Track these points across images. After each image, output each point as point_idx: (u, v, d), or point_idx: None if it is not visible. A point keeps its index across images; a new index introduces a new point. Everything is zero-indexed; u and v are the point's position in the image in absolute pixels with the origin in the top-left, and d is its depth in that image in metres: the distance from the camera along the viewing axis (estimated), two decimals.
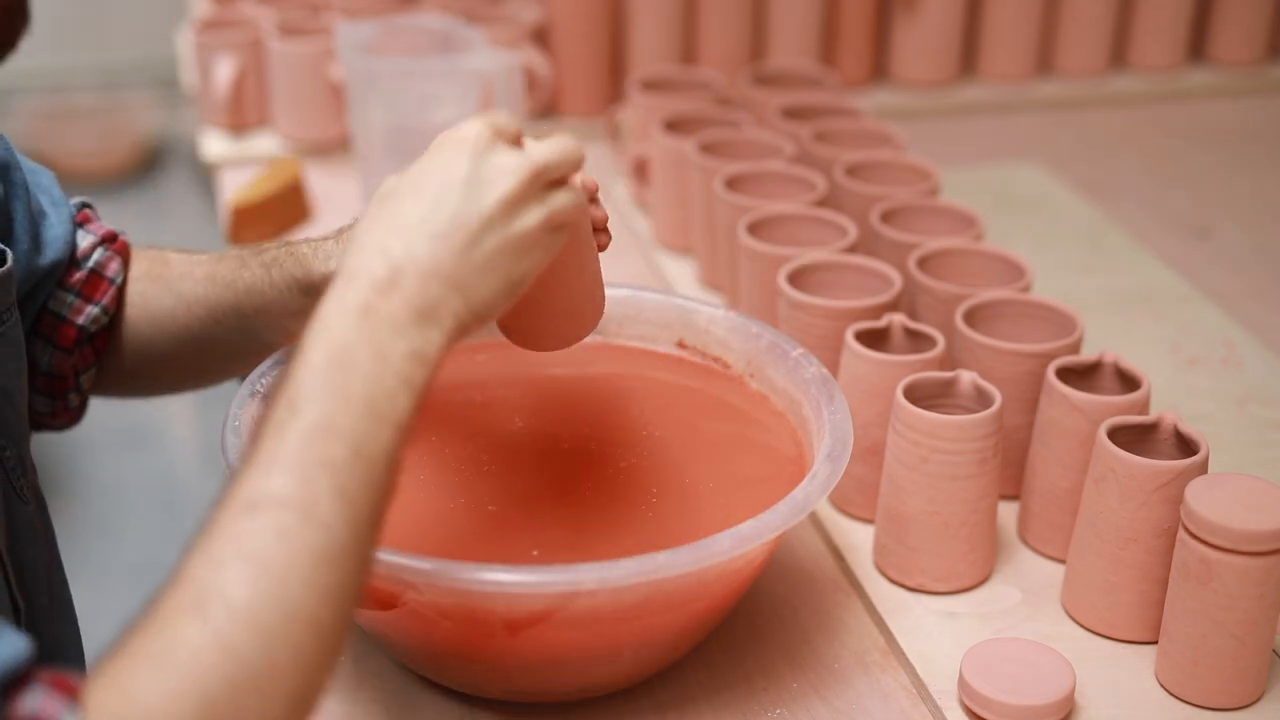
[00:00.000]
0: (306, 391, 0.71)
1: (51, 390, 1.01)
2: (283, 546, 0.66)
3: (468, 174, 0.78)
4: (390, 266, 0.75)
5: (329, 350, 0.72)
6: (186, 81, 1.92)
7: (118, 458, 2.57)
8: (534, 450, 1.03)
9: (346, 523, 0.69)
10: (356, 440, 0.70)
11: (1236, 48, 1.98)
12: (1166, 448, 0.99)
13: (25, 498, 0.91)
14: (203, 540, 0.67)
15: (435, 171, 0.78)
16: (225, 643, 0.64)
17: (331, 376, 0.71)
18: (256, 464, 0.69)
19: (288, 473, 0.68)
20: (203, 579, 0.65)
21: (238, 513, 0.67)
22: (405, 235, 0.76)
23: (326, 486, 0.68)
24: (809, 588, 1.04)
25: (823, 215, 1.26)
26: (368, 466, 0.70)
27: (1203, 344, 1.35)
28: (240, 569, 0.65)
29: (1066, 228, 1.59)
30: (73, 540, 2.33)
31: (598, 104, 1.81)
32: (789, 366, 1.03)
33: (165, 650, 0.63)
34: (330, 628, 0.67)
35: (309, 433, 0.69)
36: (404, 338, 0.73)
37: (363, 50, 1.57)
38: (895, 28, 1.91)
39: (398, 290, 0.74)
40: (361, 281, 0.74)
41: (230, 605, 0.64)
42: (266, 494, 0.68)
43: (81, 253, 1.00)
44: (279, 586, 0.66)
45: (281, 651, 0.65)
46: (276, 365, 0.99)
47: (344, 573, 0.68)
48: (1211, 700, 0.93)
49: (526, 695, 0.93)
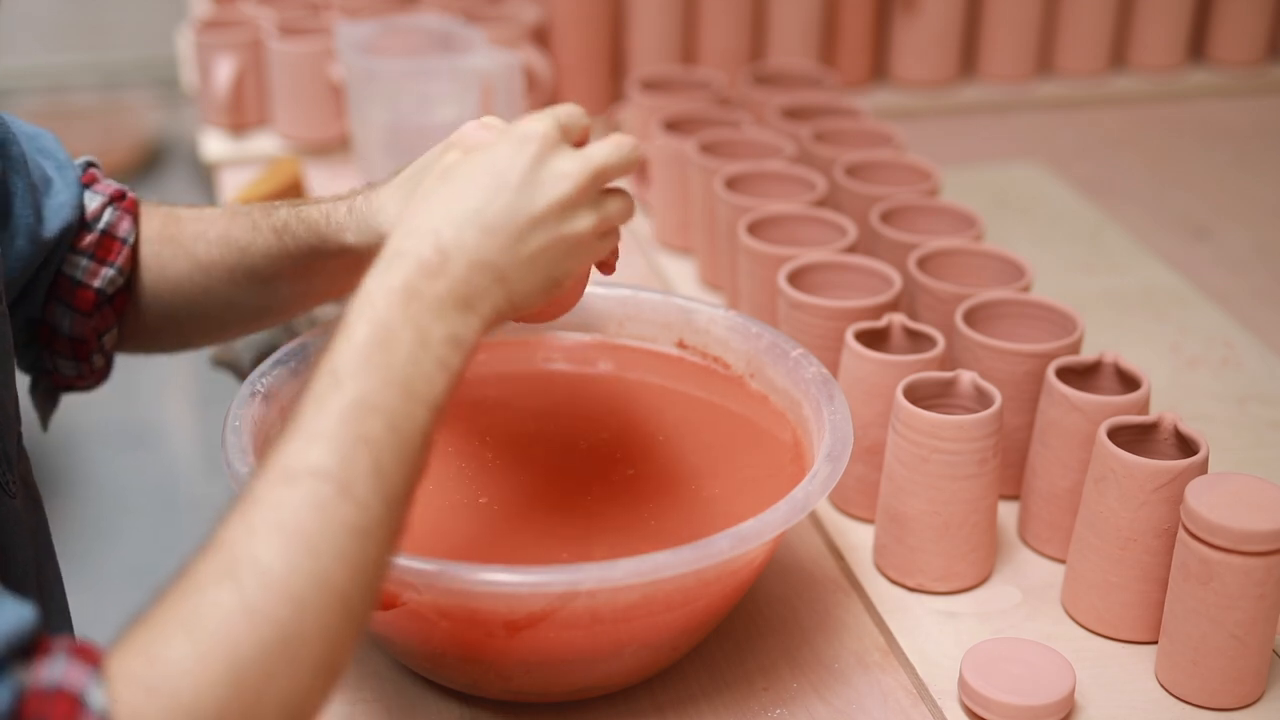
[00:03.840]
0: (349, 367, 0.72)
1: (75, 353, 1.01)
2: (318, 518, 0.68)
3: (526, 172, 0.80)
4: (439, 251, 0.76)
5: (372, 328, 0.73)
6: (186, 81, 1.92)
7: (117, 457, 2.57)
8: (532, 450, 1.03)
9: (380, 499, 0.70)
10: (394, 418, 0.72)
11: (1236, 48, 1.98)
12: (1166, 448, 0.99)
13: (12, 491, 0.90)
14: (239, 508, 0.68)
15: (496, 164, 0.80)
16: (256, 609, 0.64)
17: (373, 354, 0.73)
18: (296, 435, 0.70)
19: (327, 446, 0.69)
20: (237, 546, 0.66)
21: (275, 482, 0.69)
22: (457, 223, 0.77)
23: (364, 462, 0.70)
24: (809, 588, 1.04)
25: (823, 215, 1.26)
26: (403, 444, 0.72)
27: (1203, 344, 1.35)
28: (275, 538, 0.66)
29: (1066, 228, 1.59)
30: (71, 540, 2.33)
31: (598, 104, 1.81)
32: (789, 366, 1.03)
33: (195, 615, 0.64)
34: (358, 601, 0.69)
35: (350, 408, 0.71)
36: (444, 322, 0.75)
37: (363, 50, 1.57)
38: (895, 28, 1.91)
39: (444, 276, 0.76)
40: (409, 262, 0.76)
41: (263, 573, 0.65)
42: (305, 466, 0.69)
43: (91, 214, 1.00)
44: (312, 557, 0.67)
45: (311, 621, 0.66)
46: (277, 365, 0.99)
47: (375, 548, 0.70)
48: (1211, 700, 0.93)
49: (526, 695, 0.93)
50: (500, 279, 0.78)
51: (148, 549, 2.35)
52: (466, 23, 1.65)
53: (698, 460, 1.01)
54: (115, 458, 2.57)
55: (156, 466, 2.57)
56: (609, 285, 1.11)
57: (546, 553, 0.92)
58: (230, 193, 1.60)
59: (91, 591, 2.15)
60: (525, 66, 1.67)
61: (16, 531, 0.90)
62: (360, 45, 1.57)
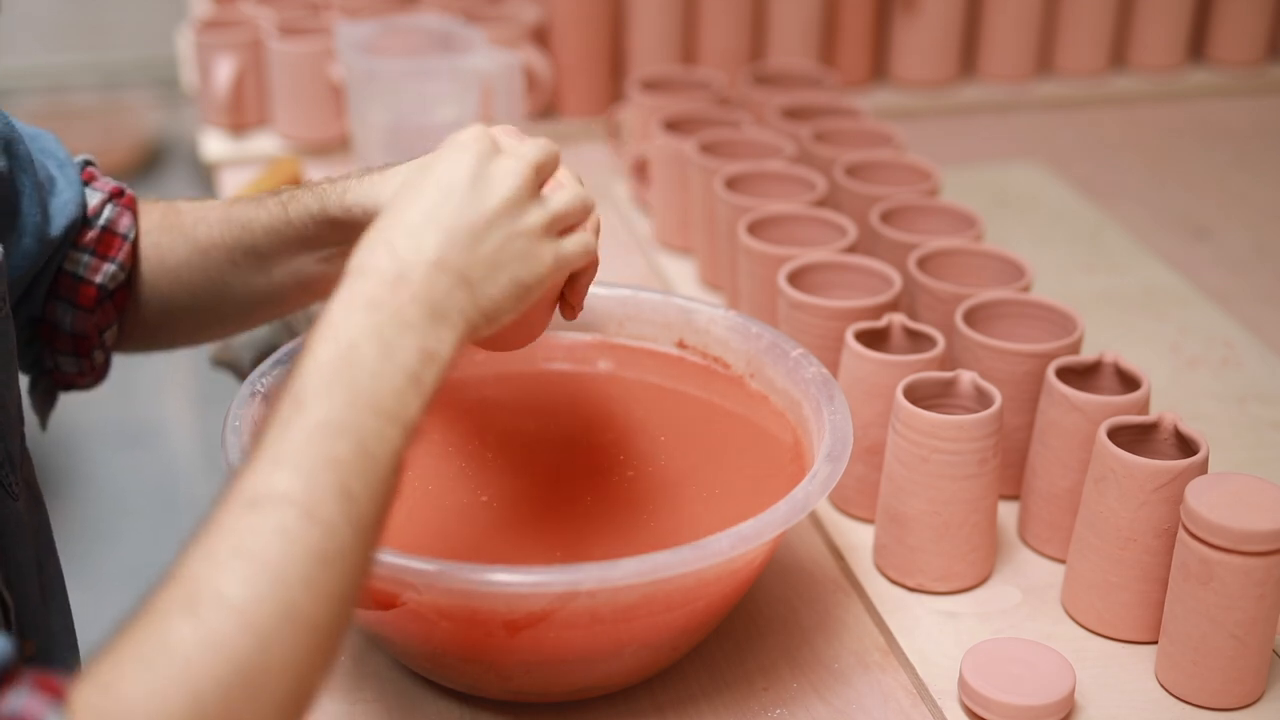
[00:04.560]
0: (312, 388, 0.70)
1: (77, 350, 1.01)
2: (283, 545, 0.65)
3: (471, 174, 0.80)
4: (397, 261, 0.75)
5: (335, 346, 0.72)
6: (186, 81, 1.92)
7: (117, 457, 2.57)
8: (533, 450, 1.03)
9: (349, 522, 0.68)
10: (362, 438, 0.69)
11: (1236, 48, 1.98)
12: (1166, 448, 0.99)
13: (15, 493, 0.90)
14: (200, 537, 0.66)
15: (439, 172, 0.80)
16: (217, 642, 0.62)
17: (338, 373, 0.71)
18: (259, 460, 0.68)
19: (291, 470, 0.67)
20: (198, 576, 0.64)
21: (238, 510, 0.66)
22: (412, 231, 0.77)
23: (330, 485, 0.67)
24: (809, 588, 1.04)
25: (823, 215, 1.26)
26: (373, 465, 0.70)
27: (1203, 344, 1.35)
28: (237, 566, 0.64)
29: (1066, 228, 1.59)
30: (71, 540, 2.33)
31: (598, 104, 1.81)
32: (789, 366, 1.03)
33: (155, 649, 0.62)
34: (328, 629, 0.66)
35: (314, 430, 0.69)
36: (413, 333, 0.73)
37: (363, 50, 1.57)
38: (895, 28, 1.91)
39: (405, 284, 0.75)
40: (369, 277, 0.75)
41: (225, 603, 0.63)
42: (268, 491, 0.66)
43: (91, 210, 1.00)
44: (277, 585, 0.64)
45: (276, 653, 0.63)
46: (277, 365, 0.99)
47: (344, 574, 0.67)
48: (1211, 700, 0.93)
49: (526, 695, 0.93)
50: (463, 281, 0.77)
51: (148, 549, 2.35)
52: (466, 23, 1.65)
53: (698, 460, 1.01)
54: (115, 457, 2.57)
55: (156, 466, 2.57)
56: (609, 285, 1.11)
57: (546, 552, 0.92)
58: (230, 193, 1.60)
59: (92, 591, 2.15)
60: (525, 66, 1.67)
61: (19, 532, 0.90)
62: (360, 45, 1.57)
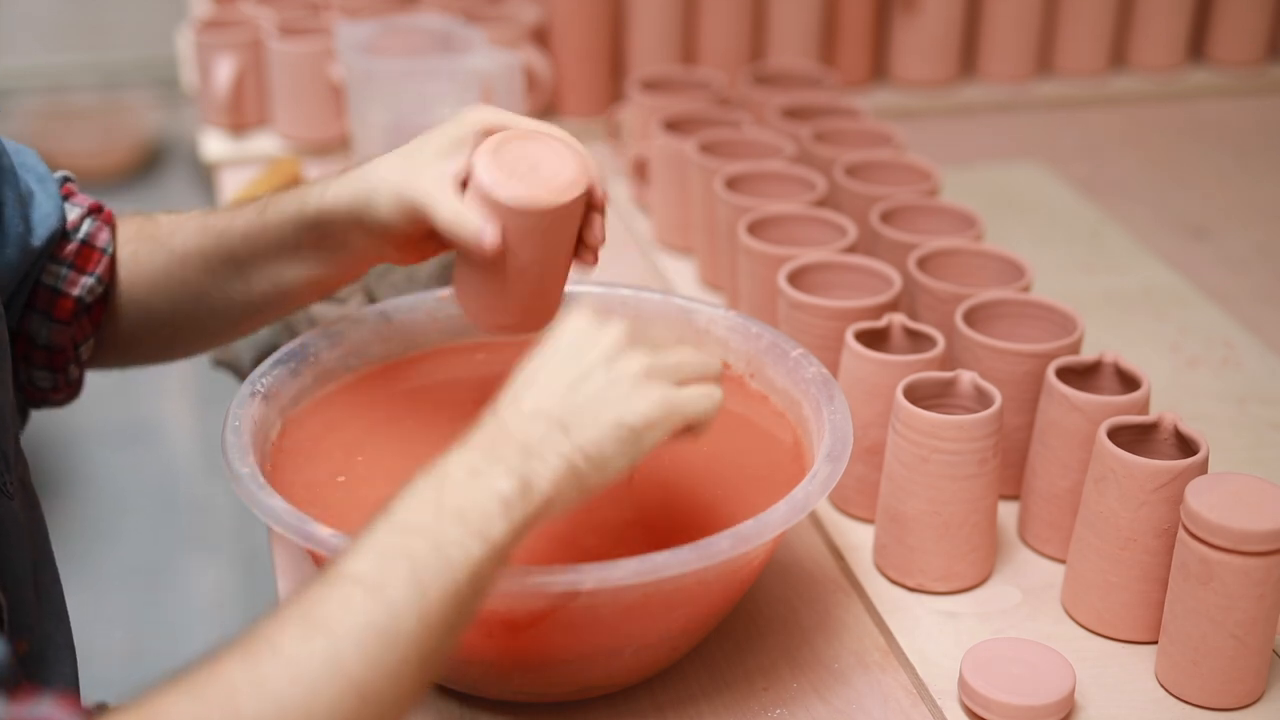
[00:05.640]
0: (401, 500, 0.74)
1: (51, 364, 1.01)
2: (344, 613, 0.69)
3: (576, 335, 0.82)
4: (496, 417, 0.79)
5: (429, 475, 0.76)
6: (186, 81, 1.92)
7: (116, 457, 2.57)
8: None
9: (414, 611, 0.70)
10: (440, 541, 0.72)
11: (1236, 48, 1.98)
12: (1166, 448, 0.99)
13: (10, 493, 0.90)
14: (279, 606, 0.70)
15: (547, 342, 0.82)
16: (264, 686, 0.65)
17: (427, 488, 0.75)
18: (345, 552, 0.72)
19: (366, 555, 0.71)
20: (259, 632, 0.68)
21: (314, 586, 0.70)
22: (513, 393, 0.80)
23: (401, 572, 0.71)
24: (809, 588, 1.04)
25: (823, 215, 1.26)
26: (449, 568, 0.72)
27: (1203, 344, 1.35)
28: (296, 624, 0.68)
29: (1066, 228, 1.59)
30: (69, 539, 2.33)
31: (598, 104, 1.81)
32: (789, 366, 1.03)
33: (204, 683, 0.65)
34: (377, 700, 0.68)
35: (395, 526, 0.73)
36: (504, 464, 0.76)
37: (363, 50, 1.57)
38: (895, 28, 1.91)
39: (501, 429, 0.78)
40: (470, 433, 0.78)
41: (277, 653, 0.66)
42: (343, 572, 0.71)
43: (70, 224, 1.01)
44: (330, 646, 0.67)
45: (321, 709, 0.66)
46: (277, 365, 0.99)
47: (403, 654, 0.69)
48: (1211, 700, 0.93)
49: (526, 695, 0.93)
50: (559, 425, 0.78)
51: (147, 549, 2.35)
52: (466, 23, 1.65)
53: (697, 460, 1.01)
54: (114, 457, 2.57)
55: (156, 466, 2.57)
56: (609, 285, 1.11)
57: (546, 552, 0.92)
58: (230, 193, 1.60)
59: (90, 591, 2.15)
60: (525, 66, 1.67)
61: (14, 534, 0.90)
62: (360, 45, 1.57)
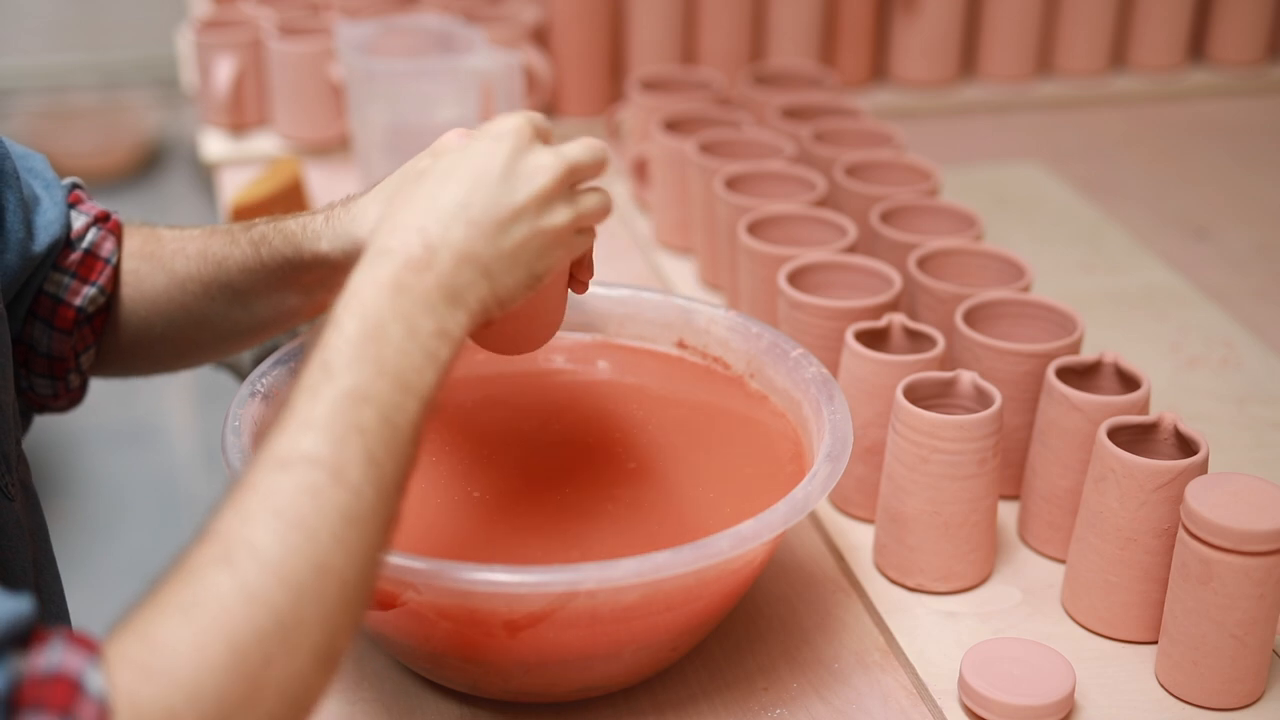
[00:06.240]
0: (341, 359, 0.74)
1: (52, 372, 1.01)
2: (313, 503, 0.68)
3: (505, 165, 0.82)
4: (426, 247, 0.78)
5: (361, 322, 0.75)
6: (186, 81, 1.92)
7: (116, 456, 2.57)
8: (532, 450, 1.03)
9: (374, 487, 0.71)
10: (386, 409, 0.73)
11: (1236, 48, 1.98)
12: (1166, 448, 0.99)
13: (11, 494, 0.90)
14: (232, 496, 0.69)
15: (474, 160, 0.82)
16: (254, 593, 0.65)
17: (365, 347, 0.74)
18: (290, 425, 0.71)
19: (321, 434, 0.71)
20: (232, 532, 0.67)
21: (269, 470, 0.70)
22: (443, 219, 0.80)
23: (357, 450, 0.71)
24: (809, 588, 1.04)
25: (823, 215, 1.26)
26: (395, 435, 0.73)
27: (1203, 344, 1.36)
28: (270, 522, 0.67)
29: (1066, 228, 1.59)
30: (70, 539, 2.33)
31: (598, 104, 1.81)
32: (789, 366, 1.03)
33: (193, 600, 0.64)
34: (355, 588, 0.69)
35: (342, 398, 0.72)
36: (433, 315, 0.77)
37: (363, 50, 1.57)
38: (895, 28, 1.91)
39: (431, 270, 0.78)
40: (397, 258, 0.78)
41: (259, 557, 0.66)
42: (299, 453, 0.70)
43: (75, 233, 1.00)
44: (308, 541, 0.67)
45: (309, 605, 0.66)
46: (277, 365, 0.99)
47: (370, 535, 0.71)
48: (1211, 700, 0.93)
49: (526, 695, 0.93)
50: (485, 273, 0.80)
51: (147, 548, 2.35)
52: (466, 23, 1.65)
53: (698, 460, 1.01)
54: (114, 457, 2.57)
55: (156, 466, 2.57)
56: (609, 285, 1.11)
57: (546, 553, 0.92)
58: (230, 193, 1.60)
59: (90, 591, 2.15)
60: (525, 66, 1.67)
61: (15, 535, 0.90)
62: (360, 45, 1.57)
